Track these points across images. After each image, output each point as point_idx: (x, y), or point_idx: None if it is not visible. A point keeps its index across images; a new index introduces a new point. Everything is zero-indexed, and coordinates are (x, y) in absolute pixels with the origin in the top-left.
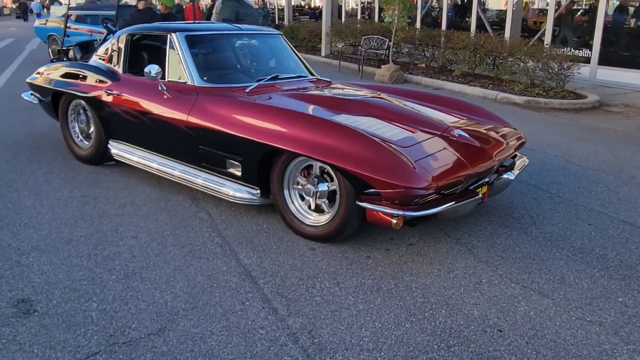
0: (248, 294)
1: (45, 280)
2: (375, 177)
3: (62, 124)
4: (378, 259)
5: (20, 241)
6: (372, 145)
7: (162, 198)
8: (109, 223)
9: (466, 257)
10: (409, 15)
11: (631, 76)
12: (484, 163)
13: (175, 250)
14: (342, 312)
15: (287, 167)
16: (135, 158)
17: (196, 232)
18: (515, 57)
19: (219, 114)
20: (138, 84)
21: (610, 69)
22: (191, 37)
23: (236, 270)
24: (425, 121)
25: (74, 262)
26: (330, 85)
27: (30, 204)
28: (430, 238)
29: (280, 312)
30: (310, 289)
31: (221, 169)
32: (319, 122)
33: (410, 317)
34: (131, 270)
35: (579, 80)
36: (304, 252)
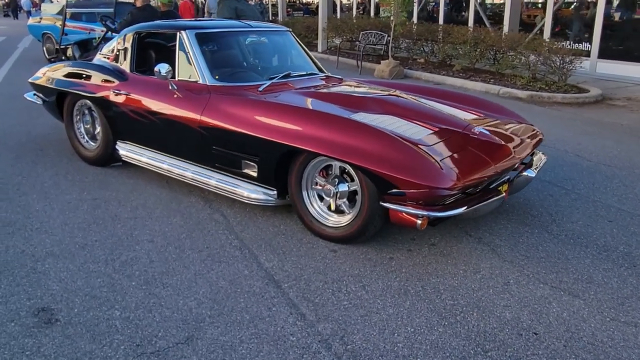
0: (274, 299)
1: (64, 287)
2: (400, 177)
3: (67, 124)
4: (401, 260)
5: (33, 247)
6: (396, 144)
7: (173, 200)
8: (122, 227)
9: (490, 257)
10: (407, 9)
11: (631, 69)
12: (507, 161)
13: (193, 254)
14: (372, 316)
15: (306, 168)
16: (144, 159)
17: (213, 235)
18: (517, 51)
19: (233, 113)
20: (147, 83)
21: (610, 63)
22: (201, 34)
23: (258, 274)
24: (444, 119)
25: (91, 268)
26: (342, 82)
27: (40, 208)
28: (451, 238)
29: (309, 317)
30: (337, 292)
31: (236, 170)
32: (340, 121)
33: (442, 320)
34: (151, 275)
35: (579, 74)
36: (325, 254)
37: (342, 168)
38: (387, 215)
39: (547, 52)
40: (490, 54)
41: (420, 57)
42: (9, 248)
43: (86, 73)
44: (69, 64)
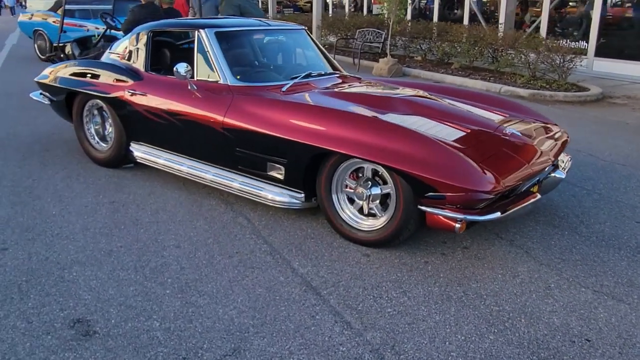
0: (315, 307)
1: (96, 297)
2: (440, 180)
3: (76, 125)
4: (437, 265)
5: (57, 254)
6: (435, 146)
7: (193, 203)
8: (145, 231)
9: (526, 260)
10: (405, 7)
11: (628, 68)
12: (541, 162)
13: (224, 260)
14: (419, 324)
15: (337, 170)
16: (161, 161)
17: (240, 240)
18: (517, 49)
19: (260, 114)
20: (164, 83)
21: (607, 61)
22: (221, 33)
23: (294, 280)
24: (473, 119)
25: (121, 275)
26: (362, 82)
27: (56, 212)
28: (483, 240)
29: (355, 326)
30: (378, 299)
31: (261, 172)
32: (374, 122)
33: (491, 327)
34: (184, 283)
35: (576, 72)
36: (359, 259)
37: (374, 170)
38: (422, 219)
39: (548, 51)
40: (489, 52)
41: (417, 55)
42: (32, 255)
43: (97, 72)
44: (78, 63)
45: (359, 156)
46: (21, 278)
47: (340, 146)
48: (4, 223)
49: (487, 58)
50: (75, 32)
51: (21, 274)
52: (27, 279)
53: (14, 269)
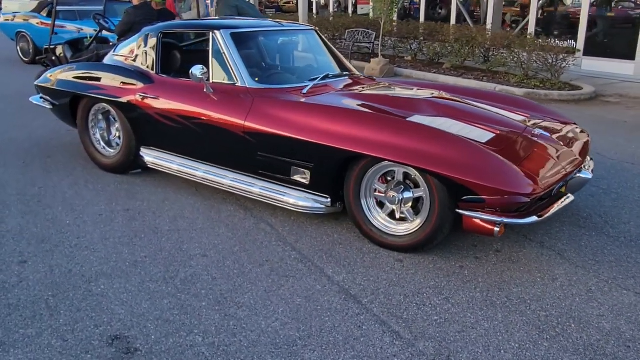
0: (360, 317)
1: (130, 311)
2: (479, 183)
3: (81, 130)
4: (473, 269)
5: (80, 266)
6: (472, 148)
7: (211, 209)
8: (167, 240)
9: (560, 263)
10: (397, 7)
11: (617, 66)
12: (572, 162)
13: (255, 269)
14: (470, 332)
15: (366, 174)
16: (174, 166)
17: (267, 247)
18: (510, 49)
19: (284, 118)
20: (177, 86)
21: (595, 60)
22: (237, 34)
23: (332, 289)
24: (499, 120)
25: (151, 287)
26: (377, 83)
27: (71, 222)
28: (513, 243)
29: (405, 335)
30: (422, 306)
31: (284, 177)
32: (406, 125)
33: (542, 334)
34: (219, 294)
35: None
36: (393, 265)
37: (405, 174)
38: (456, 223)
39: (541, 50)
40: (480, 52)
41: (407, 55)
42: (54, 268)
43: (104, 75)
44: (82, 66)
45: (393, 159)
46: (47, 293)
47: (373, 149)
48: (18, 234)
49: (478, 58)
50: (62, 33)
51: (46, 288)
52: (54, 294)
53: (37, 283)
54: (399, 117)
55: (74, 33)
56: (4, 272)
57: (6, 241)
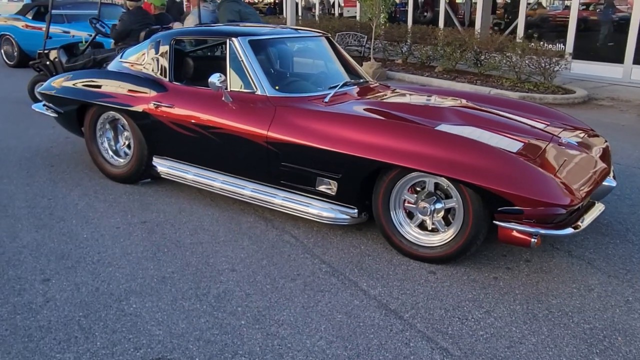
0: (404, 333)
1: (168, 331)
2: (519, 195)
3: (88, 139)
4: (507, 280)
5: (106, 283)
6: (507, 158)
7: (230, 220)
8: (192, 254)
9: (592, 272)
10: (389, 11)
11: (605, 69)
12: (601, 170)
13: (288, 284)
14: (519, 347)
15: (396, 185)
16: (190, 176)
17: (295, 260)
18: (503, 53)
19: (309, 127)
20: (193, 94)
21: (584, 63)
22: (255, 42)
23: (370, 304)
24: (525, 129)
25: (185, 305)
26: (395, 90)
27: (88, 235)
28: (540, 252)
29: (454, 352)
30: (464, 320)
31: (308, 187)
32: (438, 134)
33: (591, 347)
34: (256, 311)
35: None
36: (426, 277)
37: (435, 184)
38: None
39: (535, 54)
40: (471, 55)
41: (397, 59)
42: (79, 286)
43: (114, 83)
44: (89, 73)
45: (428, 170)
46: (77, 313)
47: (407, 160)
48: (36, 250)
49: (470, 61)
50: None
51: (76, 308)
52: (85, 314)
53: (65, 303)
54: (428, 127)
55: (62, 36)
56: (28, 292)
57: (24, 258)
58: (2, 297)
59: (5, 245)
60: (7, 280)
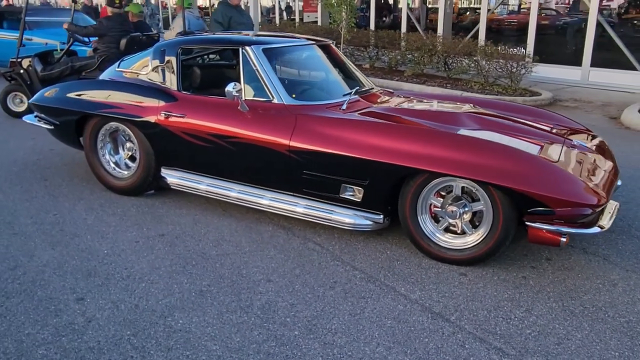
0: (456, 335)
1: (225, 346)
2: (552, 196)
3: (88, 152)
4: (535, 279)
5: (144, 299)
6: (537, 161)
7: (249, 230)
8: (222, 266)
9: (611, 268)
10: (354, 16)
11: (564, 72)
12: (614, 170)
13: (328, 292)
14: (567, 343)
15: (423, 190)
16: (203, 187)
17: (327, 267)
18: (471, 57)
19: (334, 135)
20: (205, 103)
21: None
22: (268, 50)
23: (414, 308)
24: (538, 133)
25: (233, 319)
26: (403, 96)
27: (108, 251)
28: (556, 250)
29: (509, 351)
30: (509, 320)
31: (332, 195)
32: (466, 139)
33: (634, 340)
34: (305, 321)
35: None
36: (459, 279)
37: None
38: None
39: (502, 58)
40: (439, 60)
41: (364, 63)
42: (117, 303)
43: (117, 93)
44: (88, 83)
45: (461, 175)
46: (125, 332)
47: (438, 166)
48: (58, 268)
49: (439, 65)
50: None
51: (122, 327)
52: (133, 332)
53: (109, 322)
54: (456, 132)
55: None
56: (65, 312)
57: (49, 277)
58: (40, 319)
59: (24, 264)
60: (38, 301)
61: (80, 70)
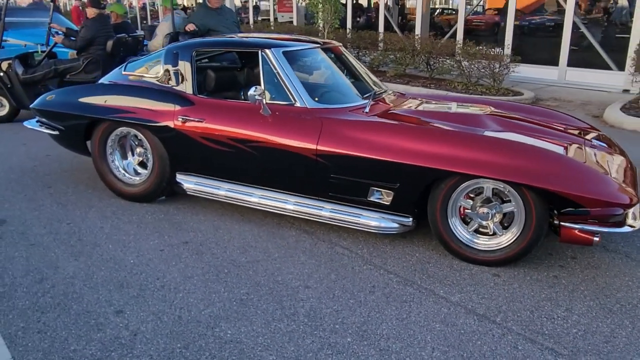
0: (507, 337)
1: (280, 355)
2: (587, 197)
3: (97, 158)
4: (566, 278)
5: (186, 310)
6: (572, 162)
7: (272, 235)
8: (255, 273)
9: (634, 265)
10: (339, 17)
11: (541, 72)
12: (633, 169)
13: (369, 297)
14: (615, 340)
15: (454, 192)
16: (222, 192)
17: (362, 272)
18: (454, 57)
19: (363, 139)
20: (224, 107)
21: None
22: (288, 52)
23: (458, 310)
24: (557, 133)
25: (282, 327)
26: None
27: (134, 260)
28: (579, 249)
29: (561, 351)
30: (552, 319)
31: (359, 198)
32: (497, 141)
33: None
34: (355, 327)
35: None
36: (494, 280)
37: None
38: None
39: (485, 58)
40: (422, 60)
41: None
42: (159, 315)
43: (129, 98)
44: (95, 88)
45: (497, 177)
46: (174, 344)
47: (470, 168)
48: (88, 280)
49: (422, 65)
50: None
51: (170, 340)
52: (183, 345)
53: (155, 335)
54: (488, 135)
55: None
56: (107, 326)
57: (80, 289)
58: (83, 334)
59: (50, 277)
60: (76, 315)
61: (64, 73)
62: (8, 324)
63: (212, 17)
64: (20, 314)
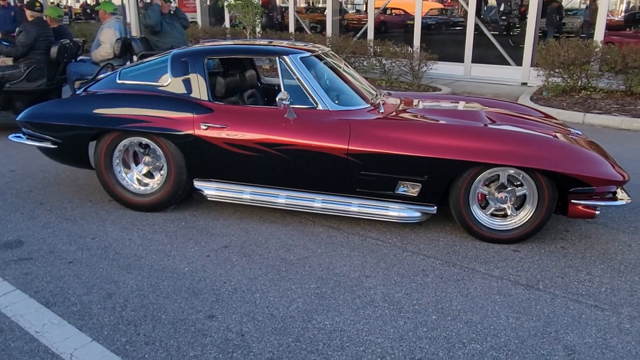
0: (557, 300)
1: (387, 337)
2: (594, 177)
3: (103, 170)
4: (571, 248)
5: (274, 308)
6: (576, 147)
7: (302, 234)
8: (311, 268)
9: (616, 233)
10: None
11: (449, 68)
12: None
13: (425, 280)
14: (637, 294)
15: (475, 180)
16: (247, 196)
17: (405, 259)
18: (375, 56)
19: (393, 137)
20: (246, 113)
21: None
22: (305, 59)
23: (505, 283)
24: (538, 125)
25: (371, 313)
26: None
27: (190, 269)
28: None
29: (605, 307)
30: (582, 282)
31: (387, 192)
32: (511, 133)
33: None
34: (432, 307)
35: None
36: (517, 255)
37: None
38: None
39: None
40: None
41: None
42: (252, 315)
43: (138, 107)
44: (95, 98)
45: (515, 165)
46: (287, 339)
47: (494, 158)
48: (156, 290)
49: None
50: None
51: (280, 336)
52: (295, 339)
53: (263, 334)
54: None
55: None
56: (210, 331)
57: (156, 300)
58: (192, 340)
59: (116, 292)
60: (171, 324)
61: (2, 82)
62: (109, 339)
63: (164, 21)
64: (114, 329)
